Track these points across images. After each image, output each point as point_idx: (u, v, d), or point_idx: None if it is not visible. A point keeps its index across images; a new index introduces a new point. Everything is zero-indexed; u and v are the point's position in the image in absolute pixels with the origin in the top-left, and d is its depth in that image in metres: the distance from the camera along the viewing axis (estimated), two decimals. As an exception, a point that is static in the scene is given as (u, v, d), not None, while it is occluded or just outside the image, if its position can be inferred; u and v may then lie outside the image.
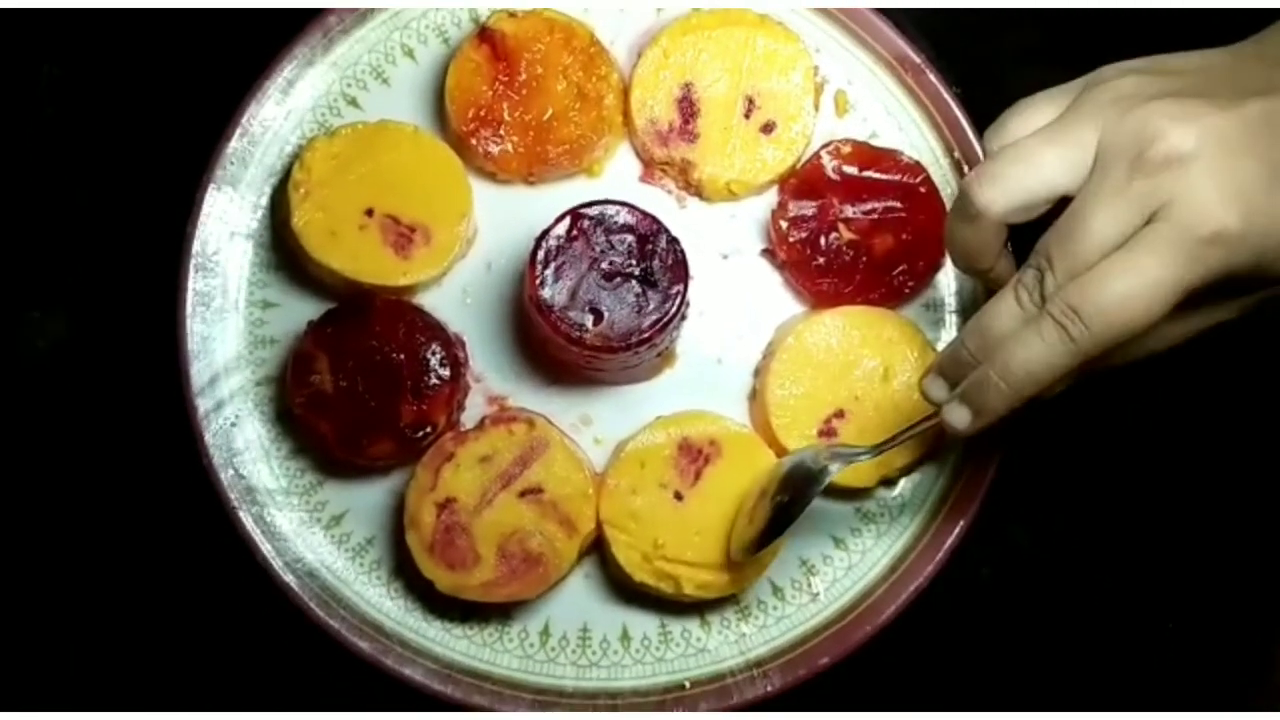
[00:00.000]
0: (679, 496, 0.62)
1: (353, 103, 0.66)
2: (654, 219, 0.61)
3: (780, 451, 0.63)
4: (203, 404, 0.63)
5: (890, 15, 0.66)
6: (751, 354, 0.65)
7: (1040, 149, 0.49)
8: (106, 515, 0.67)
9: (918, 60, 0.66)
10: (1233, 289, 0.49)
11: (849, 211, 0.64)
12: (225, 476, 0.63)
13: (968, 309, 0.66)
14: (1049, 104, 0.51)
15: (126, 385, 0.68)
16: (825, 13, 0.66)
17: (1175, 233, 0.46)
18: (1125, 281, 0.46)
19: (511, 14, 0.65)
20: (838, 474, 0.58)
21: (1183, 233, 0.46)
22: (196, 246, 0.64)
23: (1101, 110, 0.49)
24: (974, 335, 0.51)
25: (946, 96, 0.66)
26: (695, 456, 0.62)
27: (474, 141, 0.64)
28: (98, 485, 0.68)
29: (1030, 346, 0.48)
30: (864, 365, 0.64)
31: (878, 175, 0.65)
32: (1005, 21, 0.71)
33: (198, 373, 0.63)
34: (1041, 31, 0.71)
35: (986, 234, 0.52)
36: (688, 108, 0.65)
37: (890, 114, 0.67)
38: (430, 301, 0.65)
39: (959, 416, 0.52)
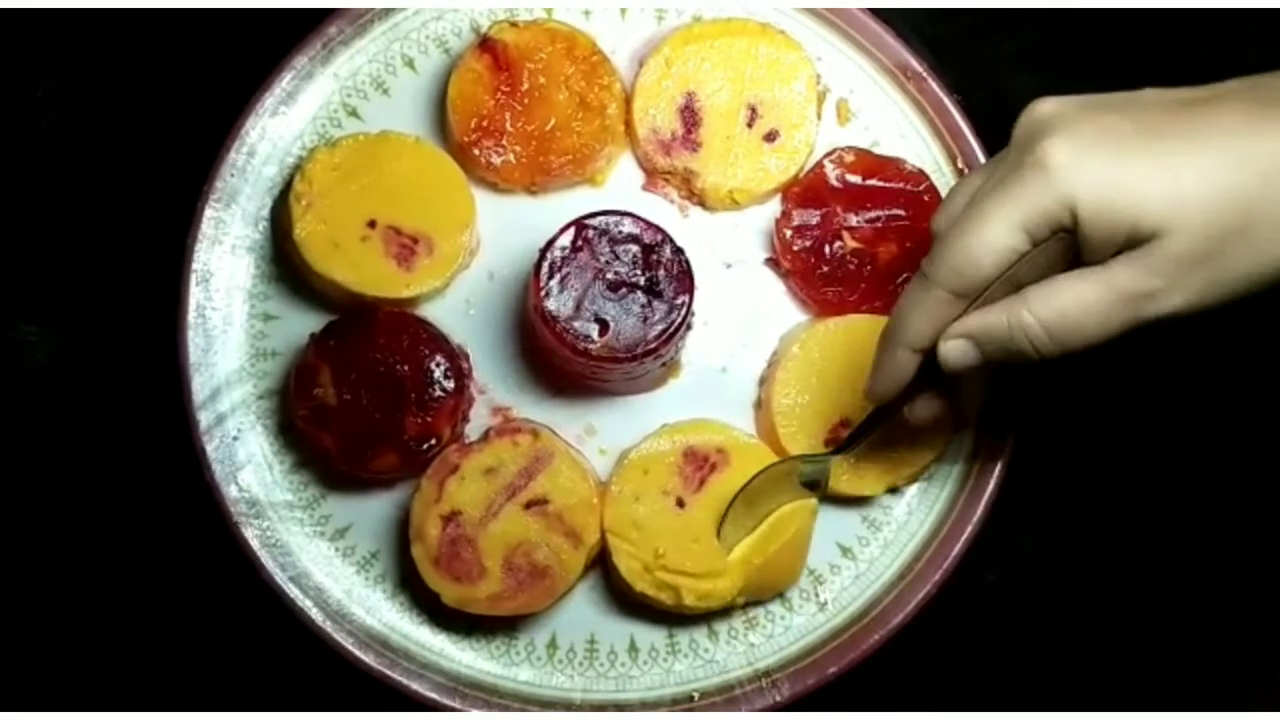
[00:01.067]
0: (681, 503, 0.62)
1: (353, 113, 0.66)
2: (659, 229, 0.61)
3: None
4: (204, 418, 0.63)
5: (889, 22, 0.66)
6: (756, 363, 0.65)
7: (969, 213, 0.50)
8: (109, 531, 0.67)
9: (919, 68, 0.66)
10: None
11: (852, 220, 0.64)
12: (228, 491, 0.62)
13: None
14: (977, 176, 0.53)
15: (127, 399, 0.67)
16: (827, 21, 0.66)
17: (1005, 167, 0.49)
18: (974, 222, 0.49)
19: (513, 24, 0.64)
20: (811, 475, 0.60)
21: (1010, 165, 0.48)
22: (197, 259, 0.64)
23: (1007, 153, 0.50)
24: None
25: (948, 104, 0.66)
26: (701, 464, 0.62)
27: (476, 151, 0.64)
28: (99, 501, 0.67)
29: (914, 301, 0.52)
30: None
31: (881, 183, 0.65)
32: (1004, 26, 0.71)
33: (199, 386, 0.63)
34: (1040, 36, 0.71)
35: (954, 308, 0.52)
36: (690, 117, 0.65)
37: (892, 122, 0.67)
38: (433, 313, 0.64)
39: (963, 351, 0.52)
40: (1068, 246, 0.49)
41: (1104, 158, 0.47)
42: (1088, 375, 0.69)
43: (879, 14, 0.66)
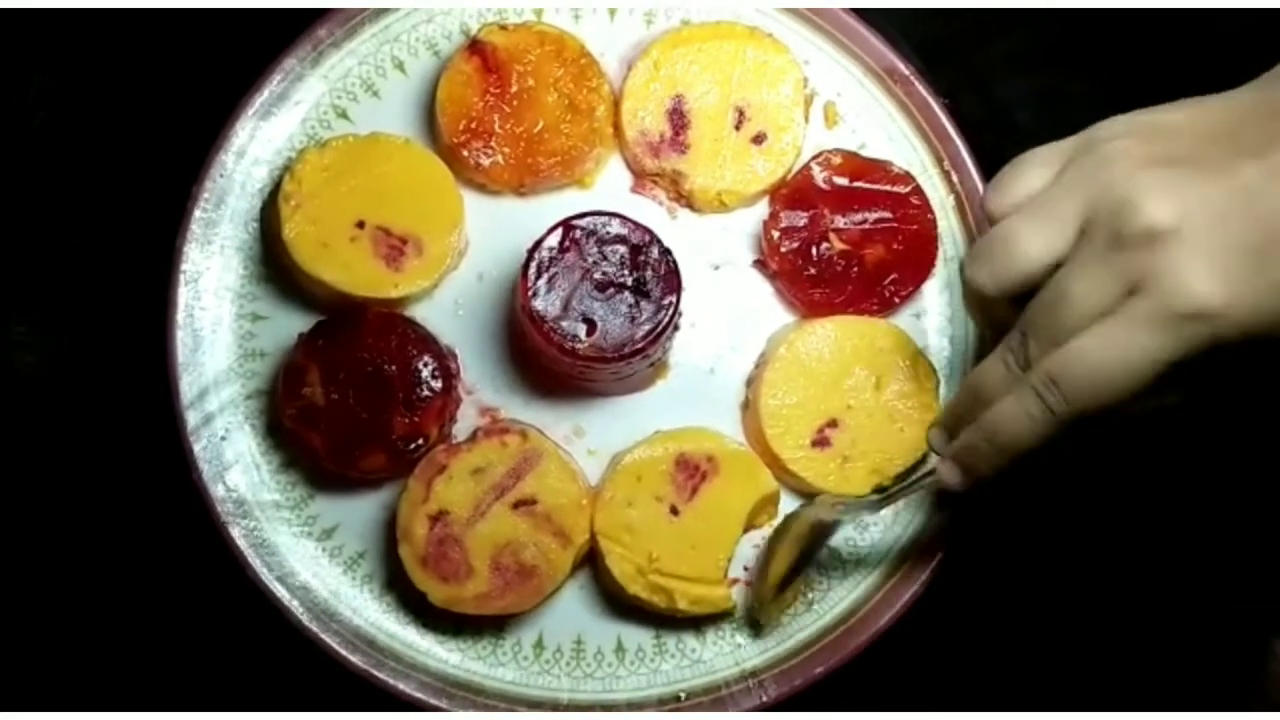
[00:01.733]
0: (675, 511, 0.62)
1: (343, 115, 0.66)
2: (646, 229, 0.61)
3: (773, 461, 0.63)
4: (192, 417, 0.63)
5: (877, 25, 0.67)
6: (744, 364, 0.66)
7: (1022, 229, 0.49)
8: (96, 529, 0.67)
9: (906, 72, 0.66)
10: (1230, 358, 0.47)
11: (840, 222, 0.65)
12: (215, 490, 0.62)
13: (956, 318, 0.66)
14: (1044, 165, 0.51)
15: (116, 398, 0.67)
16: (814, 24, 0.67)
17: (1155, 307, 0.45)
18: (1103, 354, 0.46)
19: (502, 26, 0.65)
20: (845, 516, 0.60)
21: (1163, 308, 0.45)
22: (186, 259, 0.64)
23: (1087, 179, 0.48)
24: (966, 393, 0.53)
25: (935, 107, 0.66)
26: (692, 472, 0.62)
27: (465, 153, 0.64)
28: (87, 500, 0.67)
29: (1012, 414, 0.49)
30: (856, 374, 0.64)
31: (868, 186, 0.65)
32: (994, 28, 0.71)
33: (187, 386, 0.63)
34: (1031, 37, 0.71)
35: (997, 304, 0.52)
36: (678, 119, 0.65)
37: (879, 125, 0.67)
38: (422, 313, 0.64)
39: (950, 474, 0.54)
40: None
41: (1254, 293, 0.45)
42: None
43: (867, 17, 0.67)
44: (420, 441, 0.61)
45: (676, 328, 0.62)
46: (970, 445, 0.52)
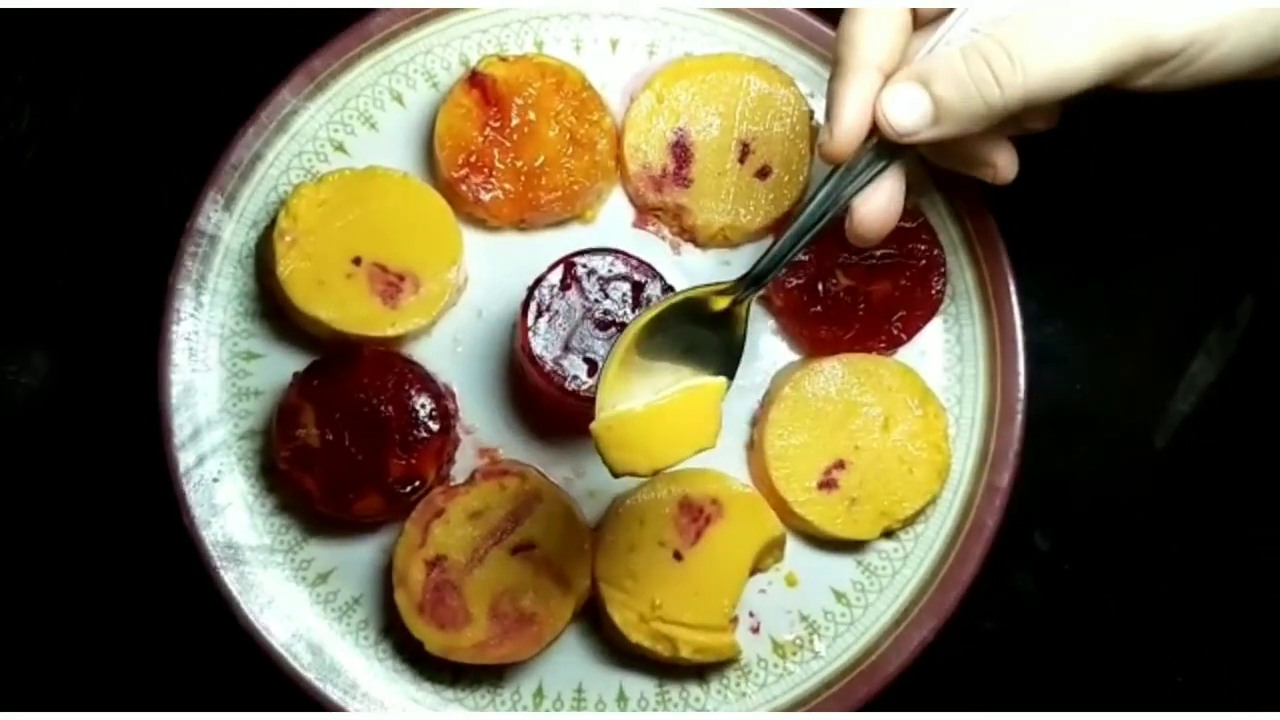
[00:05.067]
0: (678, 556, 0.60)
1: (340, 148, 0.65)
2: (649, 267, 0.60)
3: (779, 504, 0.62)
4: (184, 458, 0.61)
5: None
6: (748, 403, 0.64)
7: None
8: (86, 573, 0.65)
9: (914, 104, 0.65)
10: None
11: (846, 258, 0.63)
12: (207, 534, 0.61)
13: (966, 355, 0.64)
14: None
15: (107, 438, 0.66)
16: (820, 56, 0.66)
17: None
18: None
19: (502, 58, 0.64)
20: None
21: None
22: (179, 297, 0.62)
23: None
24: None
25: (943, 140, 0.65)
26: (696, 516, 0.61)
27: (464, 188, 0.63)
28: (77, 542, 0.66)
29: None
30: (864, 414, 0.62)
31: (875, 221, 0.63)
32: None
33: (180, 426, 0.61)
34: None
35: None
36: (681, 152, 0.64)
37: (887, 158, 0.66)
38: (420, 352, 0.63)
39: (905, 101, 0.47)
40: None
41: None
42: (1087, 412, 0.68)
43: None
44: (417, 483, 0.60)
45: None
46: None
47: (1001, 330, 0.64)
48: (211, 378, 0.62)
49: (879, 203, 0.50)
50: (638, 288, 0.59)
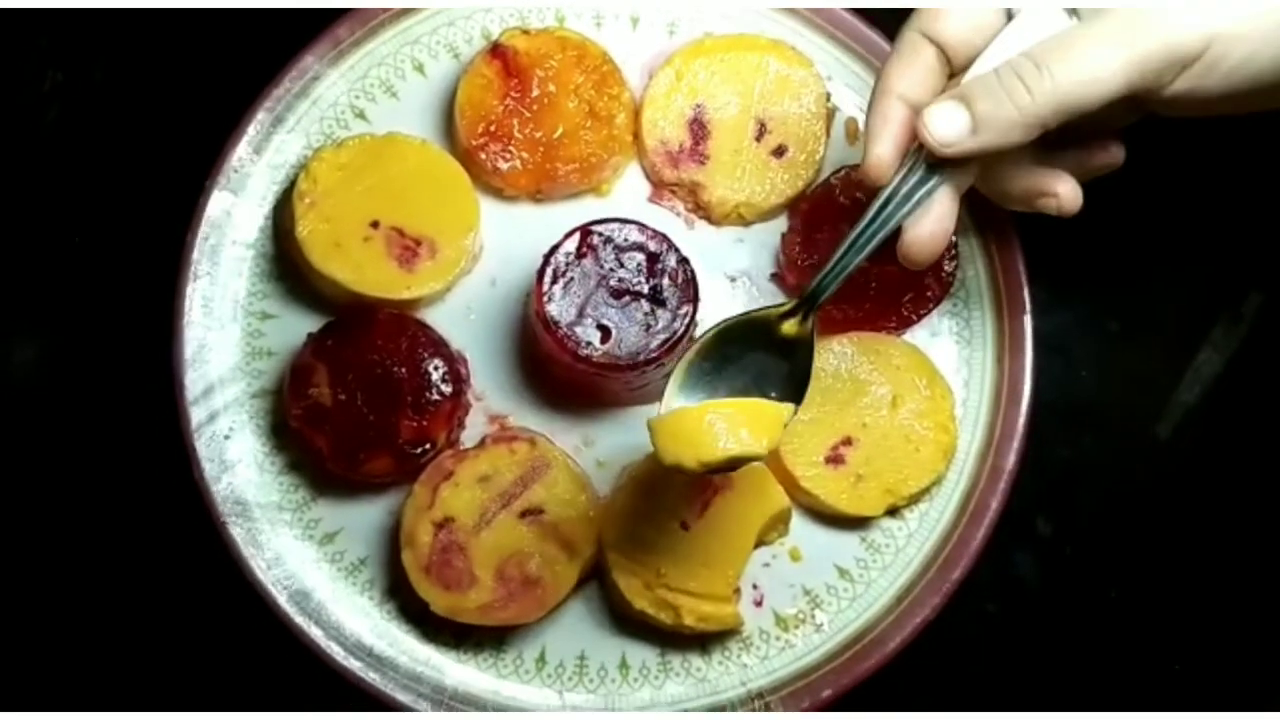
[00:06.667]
0: (684, 526, 0.61)
1: (360, 115, 0.65)
2: (664, 237, 0.60)
3: (786, 478, 0.62)
4: (196, 414, 0.61)
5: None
6: (758, 379, 0.64)
7: None
8: (97, 525, 0.66)
9: (929, 90, 0.66)
10: None
11: (859, 237, 0.64)
12: (216, 489, 0.61)
13: (974, 338, 0.65)
14: None
15: (121, 394, 0.66)
16: (838, 40, 0.66)
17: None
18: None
19: (524, 31, 0.64)
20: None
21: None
22: (195, 255, 0.63)
23: None
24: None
25: (958, 126, 0.66)
26: (704, 486, 0.61)
27: (483, 156, 0.63)
28: (89, 495, 0.66)
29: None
30: (873, 392, 0.63)
31: (888, 202, 0.64)
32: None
33: (192, 382, 0.62)
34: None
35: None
36: (699, 129, 0.65)
37: (901, 142, 0.66)
38: (433, 317, 0.63)
39: (949, 118, 0.50)
40: None
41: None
42: (1092, 402, 0.69)
43: (891, 33, 0.66)
44: (427, 446, 0.60)
45: (692, 338, 0.61)
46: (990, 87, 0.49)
47: (1011, 316, 0.64)
48: (226, 336, 0.63)
49: (927, 226, 0.53)
50: (653, 258, 0.60)
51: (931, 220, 0.53)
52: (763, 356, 0.54)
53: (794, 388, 0.53)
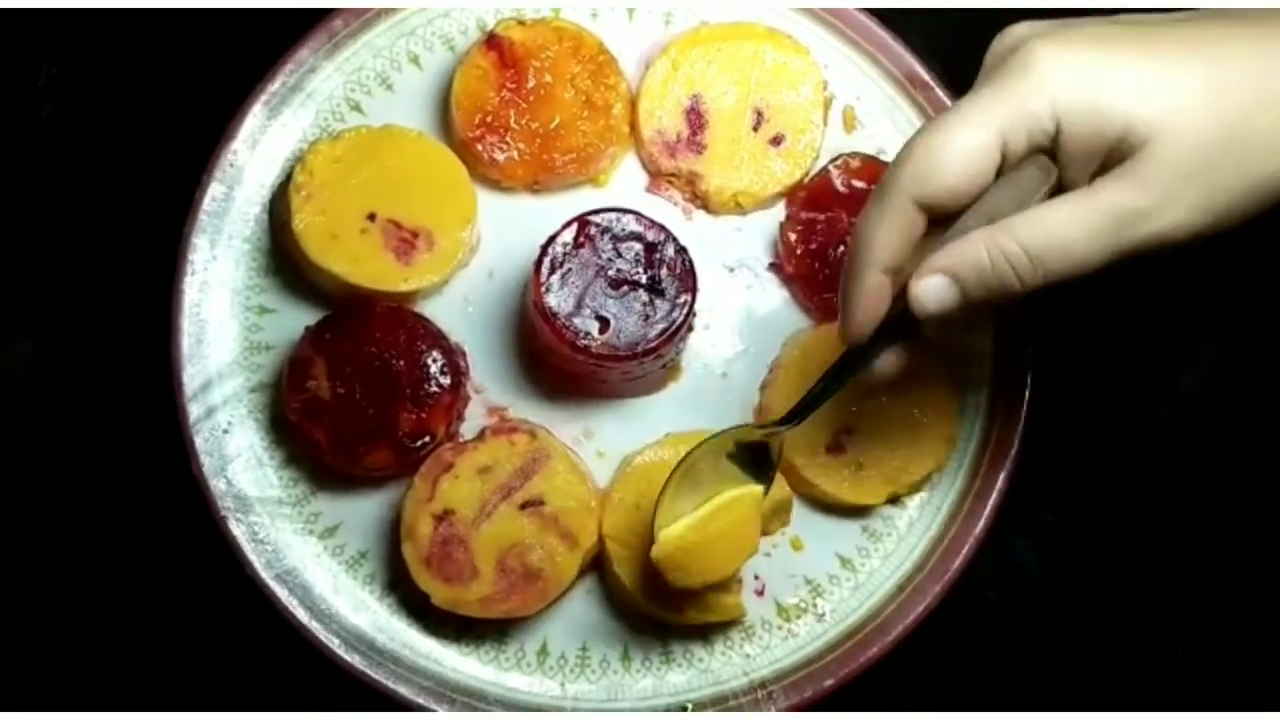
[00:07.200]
0: (684, 515, 0.61)
1: (356, 108, 0.65)
2: (662, 227, 0.60)
3: (786, 468, 0.62)
4: (195, 409, 0.61)
5: (898, 29, 0.66)
6: (757, 368, 0.64)
7: (952, 120, 0.47)
8: (95, 522, 0.66)
9: (926, 77, 0.66)
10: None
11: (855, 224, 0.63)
12: (216, 485, 0.61)
13: (973, 327, 0.65)
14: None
15: (119, 389, 0.66)
16: (834, 27, 0.66)
17: (1001, 72, 0.46)
18: (943, 121, 0.46)
19: (520, 21, 0.64)
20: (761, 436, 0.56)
21: (998, 81, 0.46)
22: (193, 250, 0.63)
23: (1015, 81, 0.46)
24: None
25: (955, 113, 0.65)
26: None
27: (479, 148, 0.63)
28: (87, 492, 0.66)
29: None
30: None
31: (887, 190, 0.64)
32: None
33: (190, 377, 0.62)
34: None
35: (909, 220, 0.48)
36: (696, 119, 0.65)
37: (898, 130, 0.66)
38: (431, 310, 0.63)
39: (934, 290, 0.49)
40: (1046, 178, 0.47)
41: (1094, 56, 0.44)
42: (1091, 390, 0.68)
43: (887, 21, 0.66)
44: (427, 439, 0.60)
45: (690, 328, 0.61)
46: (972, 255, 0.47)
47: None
48: (224, 330, 0.63)
49: (892, 361, 0.53)
50: (651, 247, 0.60)
51: (899, 356, 0.53)
52: (731, 458, 0.56)
53: (760, 474, 0.56)
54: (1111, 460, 0.68)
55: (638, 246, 0.60)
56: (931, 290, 0.48)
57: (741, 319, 0.65)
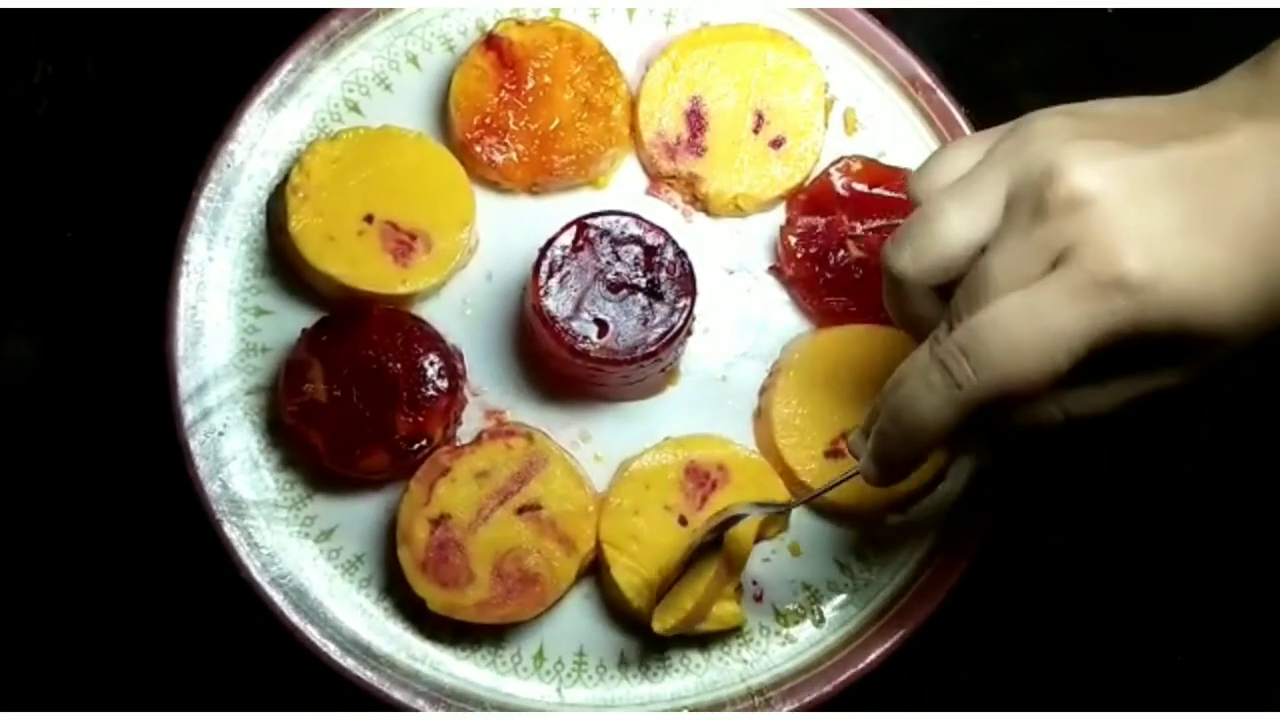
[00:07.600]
0: (683, 521, 0.60)
1: (354, 108, 0.65)
2: (661, 230, 0.60)
3: (785, 472, 0.62)
4: (190, 411, 0.61)
5: (899, 32, 0.66)
6: (757, 372, 0.64)
7: (946, 205, 0.46)
8: (90, 524, 0.65)
9: (928, 79, 0.65)
10: (1164, 352, 0.45)
11: (858, 228, 0.63)
12: (211, 487, 0.60)
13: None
14: (971, 150, 0.48)
15: (113, 392, 0.66)
16: (836, 29, 0.66)
17: (1075, 278, 0.42)
18: (1016, 322, 0.43)
19: (519, 22, 0.64)
20: (754, 520, 0.56)
21: (1082, 278, 0.42)
22: (189, 251, 0.62)
23: (1014, 155, 0.45)
24: (889, 387, 0.48)
25: (957, 116, 0.65)
26: (702, 481, 0.61)
27: (478, 149, 0.63)
28: (82, 494, 0.65)
29: (916, 391, 0.46)
30: (872, 385, 0.62)
31: (887, 193, 0.64)
32: (1016, 41, 0.70)
33: (186, 379, 0.61)
34: (1052, 48, 0.70)
35: (917, 298, 0.48)
36: (696, 121, 0.64)
37: (900, 132, 0.66)
38: (429, 312, 0.63)
39: (866, 467, 0.50)
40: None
41: (1182, 270, 0.42)
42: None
43: (888, 23, 0.66)
44: (423, 442, 0.60)
45: (690, 332, 0.61)
46: (880, 431, 0.47)
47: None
48: (220, 332, 0.62)
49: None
50: (650, 251, 0.59)
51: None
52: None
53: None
54: (1111, 461, 0.68)
55: (637, 249, 0.59)
56: (865, 469, 0.50)
57: (741, 322, 0.64)
